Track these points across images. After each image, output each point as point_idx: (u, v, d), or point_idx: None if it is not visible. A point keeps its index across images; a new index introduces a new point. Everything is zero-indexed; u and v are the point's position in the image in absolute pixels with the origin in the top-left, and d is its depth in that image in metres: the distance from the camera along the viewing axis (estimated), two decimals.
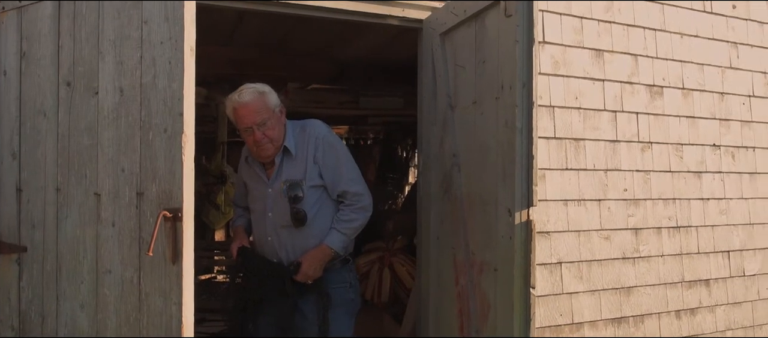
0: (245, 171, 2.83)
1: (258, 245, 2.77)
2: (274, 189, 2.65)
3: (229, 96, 2.65)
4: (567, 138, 3.36)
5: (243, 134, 2.62)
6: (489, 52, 2.38)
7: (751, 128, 3.99)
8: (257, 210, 2.75)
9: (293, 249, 2.64)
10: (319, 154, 2.64)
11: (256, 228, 2.77)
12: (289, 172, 2.63)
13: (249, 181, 2.81)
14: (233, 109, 2.61)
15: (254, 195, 2.77)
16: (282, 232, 2.65)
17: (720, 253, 3.88)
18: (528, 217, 2.15)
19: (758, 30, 3.99)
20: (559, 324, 3.33)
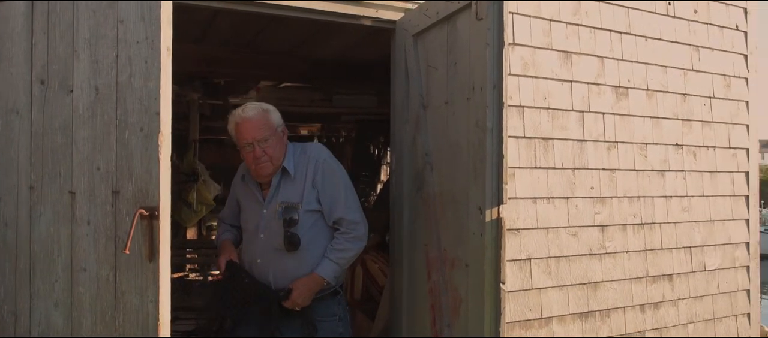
0: (240, 190, 2.79)
1: (247, 265, 2.69)
2: (269, 210, 2.61)
3: (233, 112, 2.65)
4: (536, 137, 3.44)
5: (243, 151, 2.59)
6: (460, 54, 2.45)
7: (711, 128, 4.13)
8: (249, 231, 2.71)
9: (283, 274, 2.59)
10: (319, 177, 2.60)
11: (247, 248, 2.72)
12: (286, 194, 2.60)
13: (243, 200, 2.77)
14: (236, 124, 2.59)
15: (248, 215, 2.73)
16: (273, 255, 2.60)
17: (682, 249, 4.01)
18: (498, 215, 2.22)
19: (718, 34, 4.14)
20: (528, 319, 3.41)
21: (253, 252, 2.66)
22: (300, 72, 5.47)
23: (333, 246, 2.61)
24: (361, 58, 4.97)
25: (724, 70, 4.17)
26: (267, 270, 2.61)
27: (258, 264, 2.63)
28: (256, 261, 2.63)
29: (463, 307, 2.44)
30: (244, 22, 4.05)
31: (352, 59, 5.10)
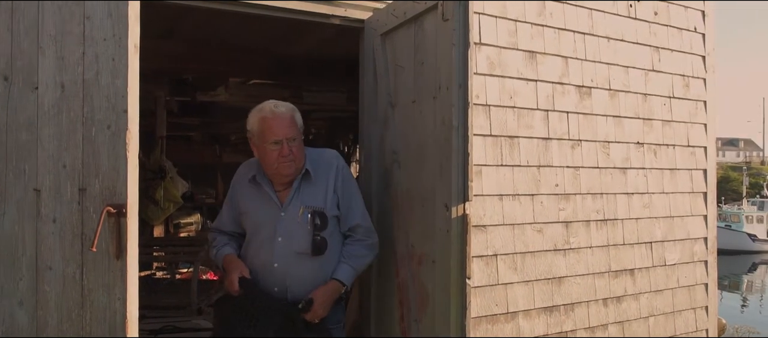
0: (247, 192, 2.63)
1: (257, 273, 2.54)
2: (289, 213, 2.52)
3: (259, 106, 2.55)
4: (502, 135, 3.51)
5: (267, 147, 2.47)
6: (427, 54, 2.49)
7: (671, 127, 4.26)
8: (261, 235, 2.56)
9: (301, 279, 2.49)
10: (340, 184, 2.56)
11: (257, 254, 2.56)
12: (308, 198, 2.53)
13: (251, 202, 2.61)
14: (264, 119, 2.49)
15: (258, 218, 2.58)
16: (293, 260, 2.49)
17: (643, 244, 4.13)
18: (464, 211, 2.27)
19: (677, 35, 4.27)
20: (494, 314, 3.47)
21: (267, 256, 2.52)
22: (269, 69, 5.46)
23: (352, 252, 2.57)
24: (330, 56, 4.98)
25: (683, 71, 4.31)
26: (284, 275, 2.49)
27: (274, 269, 2.50)
28: (273, 265, 2.50)
29: (430, 302, 2.49)
30: (211, 20, 4.02)
31: (321, 57, 5.12)
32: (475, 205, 3.37)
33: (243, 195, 2.65)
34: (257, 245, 2.57)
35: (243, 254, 2.63)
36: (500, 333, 3.48)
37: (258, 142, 2.52)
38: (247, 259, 2.59)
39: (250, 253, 2.59)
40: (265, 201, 2.57)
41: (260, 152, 2.53)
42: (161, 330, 3.98)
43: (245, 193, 2.64)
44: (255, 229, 2.59)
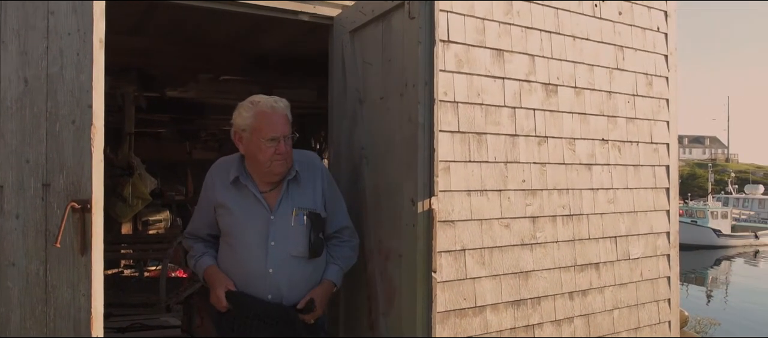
0: (228, 194, 2.43)
1: (247, 281, 2.37)
2: (280, 215, 2.39)
3: (254, 100, 2.40)
4: (470, 132, 3.56)
5: (262, 144, 2.33)
6: (395, 51, 2.52)
7: (635, 124, 4.36)
8: (249, 241, 2.38)
9: (297, 282, 2.39)
10: (326, 185, 2.51)
11: (246, 261, 2.38)
12: (298, 199, 2.42)
13: (233, 205, 2.42)
14: (261, 113, 2.34)
15: (243, 221, 2.40)
16: (288, 264, 2.37)
17: (608, 239, 4.22)
18: (430, 206, 2.30)
19: (641, 35, 4.37)
20: (463, 308, 3.53)
21: (259, 262, 2.35)
22: (239, 65, 5.43)
23: (340, 253, 2.53)
24: (300, 52, 4.98)
25: (646, 69, 4.41)
26: (280, 280, 2.36)
27: (269, 275, 2.35)
28: (268, 271, 2.34)
29: (398, 297, 2.52)
30: (179, 15, 4.00)
31: (291, 53, 5.11)
32: (443, 201, 3.42)
33: (224, 198, 2.43)
34: (245, 251, 2.38)
35: (225, 262, 2.44)
36: (468, 326, 3.53)
37: (250, 137, 2.36)
38: (232, 268, 2.41)
39: (236, 260, 2.40)
40: (251, 203, 2.41)
41: (252, 149, 2.37)
42: (129, 328, 3.95)
43: (226, 195, 2.43)
44: (240, 234, 2.40)
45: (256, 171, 2.42)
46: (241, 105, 2.42)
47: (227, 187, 2.44)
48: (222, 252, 2.48)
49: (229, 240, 2.43)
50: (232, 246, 2.42)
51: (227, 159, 2.53)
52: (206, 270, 2.46)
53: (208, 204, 2.50)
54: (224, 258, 2.46)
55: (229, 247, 2.43)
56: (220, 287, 2.37)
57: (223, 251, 2.48)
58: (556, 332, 3.92)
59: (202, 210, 2.55)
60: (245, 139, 2.39)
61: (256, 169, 2.41)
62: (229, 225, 2.43)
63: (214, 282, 2.41)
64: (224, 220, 2.44)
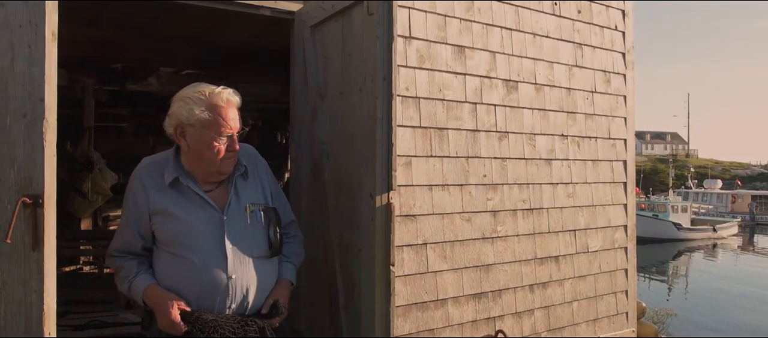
0: (169, 199, 2.14)
1: (203, 293, 2.10)
2: (232, 216, 2.16)
3: (205, 90, 2.11)
4: (432, 127, 3.59)
5: (213, 141, 2.09)
6: (354, 47, 2.53)
7: (593, 120, 4.46)
8: (202, 247, 2.11)
9: (260, 285, 2.19)
10: (269, 180, 2.32)
11: (201, 270, 2.09)
12: (247, 196, 2.22)
13: (178, 211, 2.13)
14: (216, 107, 2.09)
15: (194, 228, 2.12)
16: (250, 266, 2.15)
17: (568, 232, 4.31)
18: (388, 200, 2.33)
19: (599, 33, 4.46)
20: (424, 301, 3.56)
21: (217, 271, 2.09)
22: (202, 59, 5.37)
23: (290, 250, 2.34)
24: (264, 46, 4.95)
25: (604, 67, 4.51)
26: (243, 286, 2.13)
27: (230, 282, 2.11)
28: (230, 278, 2.10)
29: (357, 290, 2.54)
30: (137, 8, 3.93)
31: (255, 48, 5.08)
32: (405, 195, 3.45)
33: (161, 203, 2.13)
34: (199, 259, 2.09)
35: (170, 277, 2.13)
36: (430, 319, 3.57)
37: (199, 134, 2.08)
38: (181, 281, 2.11)
39: (187, 271, 2.09)
40: (197, 205, 2.14)
41: (199, 146, 2.10)
42: (86, 326, 3.88)
43: (164, 200, 2.14)
44: (191, 241, 2.11)
45: (200, 169, 2.15)
46: (186, 95, 2.12)
47: (163, 190, 2.14)
48: (164, 266, 2.14)
49: (175, 251, 2.11)
50: (181, 256, 2.10)
51: (154, 159, 2.24)
52: (146, 291, 2.11)
53: (140, 213, 2.15)
54: (169, 272, 2.13)
55: (176, 258, 2.11)
56: (172, 308, 2.04)
57: (165, 264, 2.14)
58: (516, 324, 3.99)
59: (131, 222, 2.18)
60: (191, 135, 2.10)
61: (200, 168, 2.15)
62: (175, 234, 2.11)
63: (160, 303, 2.07)
64: (166, 228, 2.12)
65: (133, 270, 2.17)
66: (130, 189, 2.19)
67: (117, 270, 2.21)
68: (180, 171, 2.15)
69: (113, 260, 2.23)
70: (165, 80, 5.63)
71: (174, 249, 2.12)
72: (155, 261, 2.18)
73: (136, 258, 2.19)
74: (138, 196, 2.16)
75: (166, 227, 2.12)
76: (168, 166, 2.16)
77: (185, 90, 2.14)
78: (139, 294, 2.13)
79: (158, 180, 2.15)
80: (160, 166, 2.18)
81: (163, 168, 2.17)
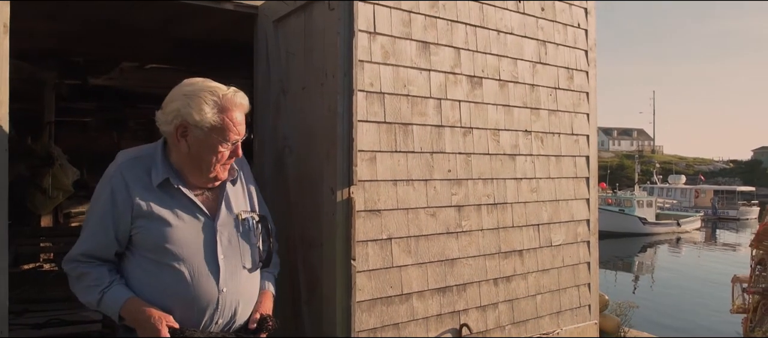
0: (157, 201, 1.93)
1: (190, 307, 1.92)
2: (223, 223, 2.00)
3: (214, 89, 1.94)
4: (396, 122, 3.61)
5: (219, 146, 1.94)
6: (316, 42, 2.53)
7: (557, 116, 4.53)
8: (193, 257, 1.92)
9: (249, 299, 2.04)
10: (253, 185, 2.18)
11: (191, 282, 1.91)
12: (236, 203, 2.06)
13: (168, 215, 1.93)
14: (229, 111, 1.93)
15: (186, 235, 1.93)
16: (241, 279, 2.00)
17: (531, 227, 4.38)
18: (349, 195, 2.33)
19: (563, 30, 4.53)
20: (389, 296, 3.58)
21: (207, 283, 1.92)
22: (166, 53, 5.29)
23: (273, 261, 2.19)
24: (230, 41, 4.90)
25: (567, 64, 4.58)
26: (235, 300, 1.98)
27: (222, 296, 1.94)
28: (222, 291, 1.94)
29: (319, 285, 2.54)
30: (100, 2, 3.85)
31: (221, 42, 5.02)
32: (369, 190, 3.46)
33: (148, 205, 1.92)
34: (187, 272, 1.90)
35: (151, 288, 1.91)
36: (395, 314, 3.59)
37: (205, 137, 1.91)
38: (164, 294, 1.90)
39: (173, 283, 1.90)
40: (187, 211, 1.95)
41: (202, 149, 1.93)
42: (46, 324, 3.81)
43: (152, 202, 1.92)
44: (182, 250, 1.91)
45: (193, 172, 1.97)
46: (195, 93, 1.91)
47: (150, 190, 1.93)
48: (143, 276, 1.92)
49: (159, 259, 1.90)
50: (166, 265, 1.89)
51: (136, 153, 2.01)
52: (127, 305, 1.88)
53: (120, 214, 1.91)
54: (150, 282, 1.91)
55: (160, 267, 1.90)
56: (160, 326, 1.83)
57: (145, 274, 1.92)
58: (481, 318, 4.04)
59: (107, 224, 1.91)
60: (195, 137, 1.91)
61: (194, 171, 1.97)
62: (162, 240, 1.90)
63: (144, 320, 1.85)
64: (151, 233, 1.90)
65: (106, 279, 1.91)
66: (108, 186, 1.93)
67: (80, 276, 1.94)
68: (170, 172, 1.96)
69: (76, 266, 1.94)
70: (128, 74, 5.54)
71: (159, 256, 1.90)
72: (131, 269, 1.94)
73: (104, 264, 1.93)
74: (118, 195, 1.91)
75: (151, 232, 1.90)
76: (155, 163, 1.96)
77: (191, 86, 1.95)
78: (116, 308, 1.89)
79: (144, 178, 1.94)
80: (145, 163, 1.96)
81: (148, 165, 1.96)
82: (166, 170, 1.95)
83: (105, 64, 5.36)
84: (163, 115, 1.93)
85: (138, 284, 1.92)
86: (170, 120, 1.92)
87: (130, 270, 1.94)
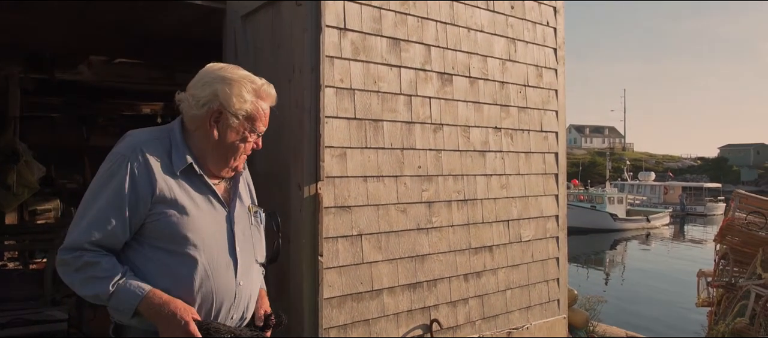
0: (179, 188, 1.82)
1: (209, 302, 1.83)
2: (238, 215, 1.94)
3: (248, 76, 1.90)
4: (367, 119, 3.60)
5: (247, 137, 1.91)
6: (283, 38, 2.52)
7: (526, 113, 4.58)
8: (214, 248, 1.84)
9: (256, 293, 2.01)
10: (250, 179, 2.13)
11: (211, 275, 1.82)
12: (244, 195, 2.02)
13: (189, 203, 1.82)
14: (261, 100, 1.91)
15: (207, 226, 1.84)
16: (253, 273, 1.96)
17: (501, 222, 4.41)
18: (316, 191, 2.33)
19: (532, 28, 4.58)
20: (360, 292, 3.57)
21: (227, 276, 1.86)
22: (135, 48, 5.22)
23: None
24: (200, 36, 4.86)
25: (537, 61, 4.63)
26: (248, 293, 1.94)
27: (239, 289, 1.89)
28: (239, 285, 1.88)
29: (287, 282, 2.54)
30: None
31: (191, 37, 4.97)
32: (339, 186, 3.45)
33: (171, 191, 1.80)
34: (206, 264, 1.81)
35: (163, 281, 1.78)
36: (365, 310, 3.59)
37: (238, 125, 1.87)
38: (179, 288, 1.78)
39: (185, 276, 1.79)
40: (205, 200, 1.86)
41: (231, 137, 1.87)
42: (9, 324, 3.73)
43: (174, 188, 1.81)
44: (202, 241, 1.81)
45: (216, 160, 1.88)
46: (233, 79, 1.86)
47: (171, 175, 1.81)
48: (156, 269, 1.79)
49: (175, 249, 1.78)
50: (183, 255, 1.78)
51: (152, 134, 1.87)
52: (147, 299, 1.73)
53: (139, 198, 1.76)
54: (162, 273, 1.78)
55: (176, 258, 1.78)
56: (188, 318, 1.74)
57: (157, 264, 1.79)
58: (451, 313, 4.07)
59: (122, 209, 1.75)
60: (228, 124, 1.84)
61: (218, 159, 1.88)
62: (183, 228, 1.78)
63: (170, 314, 1.73)
64: (172, 222, 1.78)
65: (118, 270, 1.74)
66: (123, 166, 1.76)
67: (84, 266, 1.74)
68: (192, 157, 1.85)
69: (81, 254, 1.73)
70: (97, 69, 5.45)
71: (175, 246, 1.78)
72: (140, 261, 1.80)
73: (108, 255, 1.76)
74: (139, 178, 1.75)
75: (170, 220, 1.77)
76: (177, 147, 1.84)
77: (226, 71, 1.88)
78: (133, 302, 1.72)
79: (165, 161, 1.81)
80: (164, 145, 1.84)
81: (167, 147, 1.83)
82: (186, 154, 1.84)
83: (72, 58, 5.27)
84: (194, 98, 1.83)
85: (150, 277, 1.77)
86: (204, 103, 1.83)
87: (140, 263, 1.79)
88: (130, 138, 1.82)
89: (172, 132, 1.87)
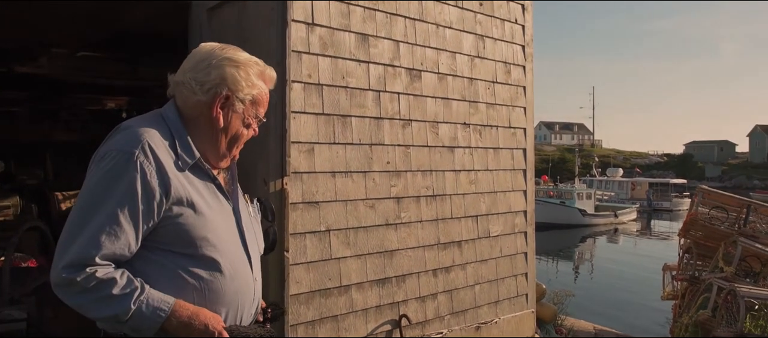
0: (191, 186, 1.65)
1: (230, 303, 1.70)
2: (241, 206, 1.81)
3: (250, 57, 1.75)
4: (335, 114, 3.59)
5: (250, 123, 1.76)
6: (250, 31, 2.50)
7: (494, 109, 4.61)
8: (228, 246, 1.70)
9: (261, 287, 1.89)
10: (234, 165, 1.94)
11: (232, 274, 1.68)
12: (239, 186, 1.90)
13: (201, 202, 1.65)
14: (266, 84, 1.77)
15: (220, 224, 1.69)
16: (259, 266, 1.85)
17: (470, 218, 4.44)
18: (282, 186, 2.32)
19: (500, 26, 4.61)
20: (328, 288, 3.56)
21: (245, 274, 1.73)
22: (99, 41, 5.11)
23: None
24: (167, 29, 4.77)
25: (505, 58, 4.67)
26: (260, 287, 1.85)
27: (254, 286, 1.78)
28: (254, 281, 1.77)
29: None
30: None
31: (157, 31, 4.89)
32: (307, 182, 3.43)
33: (185, 190, 1.62)
34: (226, 265, 1.67)
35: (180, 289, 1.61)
36: (334, 306, 3.59)
37: (244, 111, 1.72)
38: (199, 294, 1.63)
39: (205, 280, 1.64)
40: (212, 194, 1.70)
41: (236, 124, 1.72)
42: None
43: (186, 186, 1.63)
44: (218, 240, 1.66)
45: (213, 150, 1.72)
46: (244, 62, 1.71)
47: (182, 172, 1.63)
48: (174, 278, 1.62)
49: (194, 253, 1.62)
50: (206, 259, 1.63)
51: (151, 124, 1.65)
52: (175, 310, 1.57)
53: (152, 201, 1.56)
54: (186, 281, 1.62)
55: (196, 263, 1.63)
56: (219, 327, 1.62)
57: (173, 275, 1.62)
58: (420, 308, 4.08)
59: (132, 214, 1.54)
60: (235, 110, 1.70)
61: (214, 150, 1.72)
62: (202, 230, 1.63)
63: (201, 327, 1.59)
64: (189, 224, 1.61)
65: (136, 285, 1.55)
66: (129, 165, 1.54)
67: (98, 285, 1.52)
68: (202, 152, 1.70)
69: (92, 272, 1.51)
70: (58, 62, 5.32)
71: (193, 250, 1.62)
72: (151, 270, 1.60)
73: (121, 268, 1.56)
74: (151, 177, 1.55)
75: (187, 221, 1.61)
76: (183, 140, 1.66)
77: (232, 51, 1.72)
78: (159, 319, 1.55)
79: (172, 155, 1.63)
80: (168, 139, 1.64)
81: (170, 139, 1.65)
82: (189, 148, 1.67)
83: (32, 51, 5.13)
84: (197, 82, 1.66)
85: (168, 286, 1.59)
86: (209, 88, 1.66)
87: (151, 271, 1.60)
88: (128, 131, 1.61)
89: (170, 120, 1.68)
